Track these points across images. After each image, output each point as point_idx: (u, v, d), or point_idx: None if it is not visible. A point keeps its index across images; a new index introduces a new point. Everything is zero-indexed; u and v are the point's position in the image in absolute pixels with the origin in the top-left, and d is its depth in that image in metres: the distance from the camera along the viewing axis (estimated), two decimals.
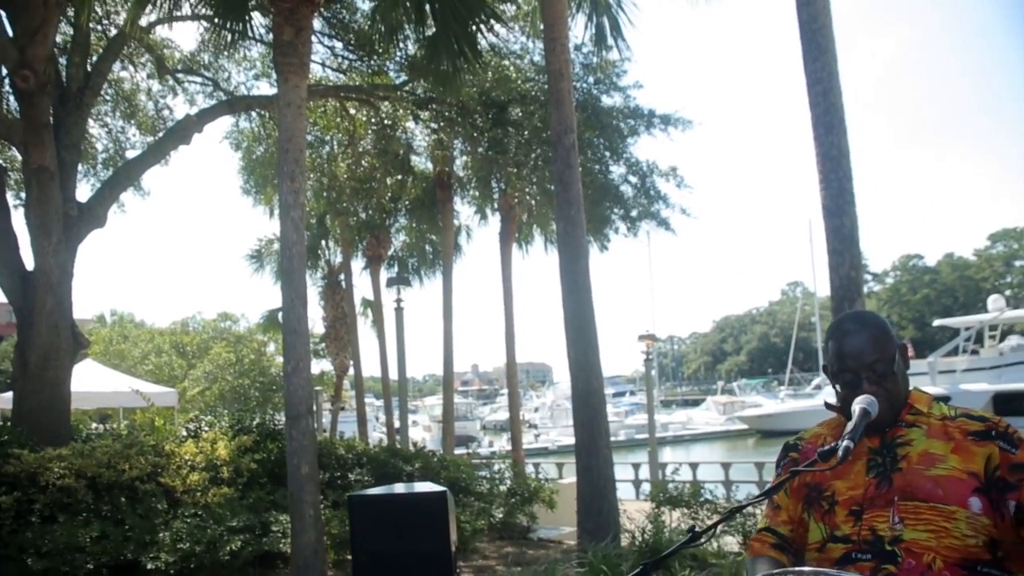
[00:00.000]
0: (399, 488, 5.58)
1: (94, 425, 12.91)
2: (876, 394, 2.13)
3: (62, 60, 11.40)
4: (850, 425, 2.05)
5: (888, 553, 2.00)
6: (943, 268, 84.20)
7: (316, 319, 27.44)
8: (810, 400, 41.74)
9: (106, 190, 11.96)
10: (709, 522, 8.59)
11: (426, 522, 4.45)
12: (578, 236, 8.80)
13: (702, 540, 2.01)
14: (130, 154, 14.64)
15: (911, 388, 2.26)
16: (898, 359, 2.20)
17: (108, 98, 14.58)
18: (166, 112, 15.42)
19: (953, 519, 1.98)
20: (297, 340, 7.71)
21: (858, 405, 2.10)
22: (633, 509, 10.94)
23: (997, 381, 26.29)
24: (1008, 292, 54.53)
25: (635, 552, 7.55)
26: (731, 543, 8.33)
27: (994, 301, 31.56)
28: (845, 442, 1.97)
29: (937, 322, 36.12)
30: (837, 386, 2.25)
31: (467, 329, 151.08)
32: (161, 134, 14.10)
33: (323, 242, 24.85)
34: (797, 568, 1.72)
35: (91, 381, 15.99)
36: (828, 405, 2.40)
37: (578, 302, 8.69)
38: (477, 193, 19.51)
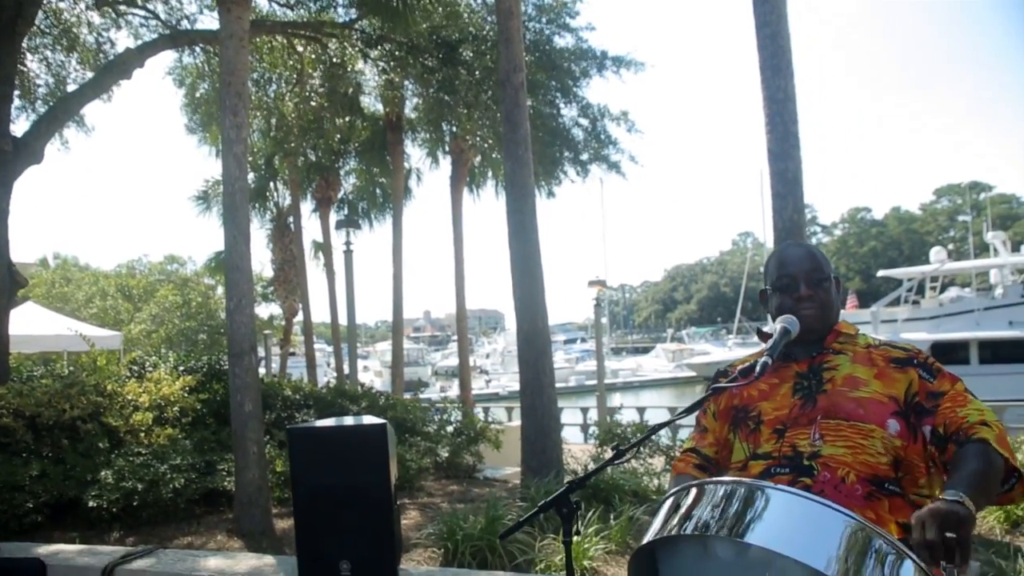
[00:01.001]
0: (339, 421, 5.56)
1: (36, 371, 12.68)
2: (811, 298, 2.23)
3: None
4: (770, 342, 2.10)
5: (806, 467, 2.05)
6: (890, 221, 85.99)
7: (265, 262, 27.14)
8: (757, 348, 42.37)
9: (43, 125, 11.53)
10: (651, 460, 8.77)
11: (366, 455, 4.44)
12: (525, 176, 8.75)
13: (626, 457, 2.08)
14: (71, 90, 14.13)
15: (840, 320, 2.33)
16: (833, 282, 2.30)
17: (46, 30, 14.03)
18: (108, 46, 14.88)
19: (870, 437, 2.04)
20: (240, 277, 7.60)
21: (779, 324, 2.15)
22: (579, 451, 11.13)
23: (936, 331, 27.09)
24: (950, 246, 55.78)
25: None
26: None
27: (936, 253, 32.37)
28: (763, 358, 2.02)
29: (881, 273, 36.88)
30: (775, 297, 2.31)
31: (420, 275, 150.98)
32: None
33: (271, 184, 24.41)
34: (716, 478, 1.76)
35: (33, 325, 15.70)
36: (760, 332, 2.45)
37: (524, 242, 8.68)
38: (428, 136, 19.33)
